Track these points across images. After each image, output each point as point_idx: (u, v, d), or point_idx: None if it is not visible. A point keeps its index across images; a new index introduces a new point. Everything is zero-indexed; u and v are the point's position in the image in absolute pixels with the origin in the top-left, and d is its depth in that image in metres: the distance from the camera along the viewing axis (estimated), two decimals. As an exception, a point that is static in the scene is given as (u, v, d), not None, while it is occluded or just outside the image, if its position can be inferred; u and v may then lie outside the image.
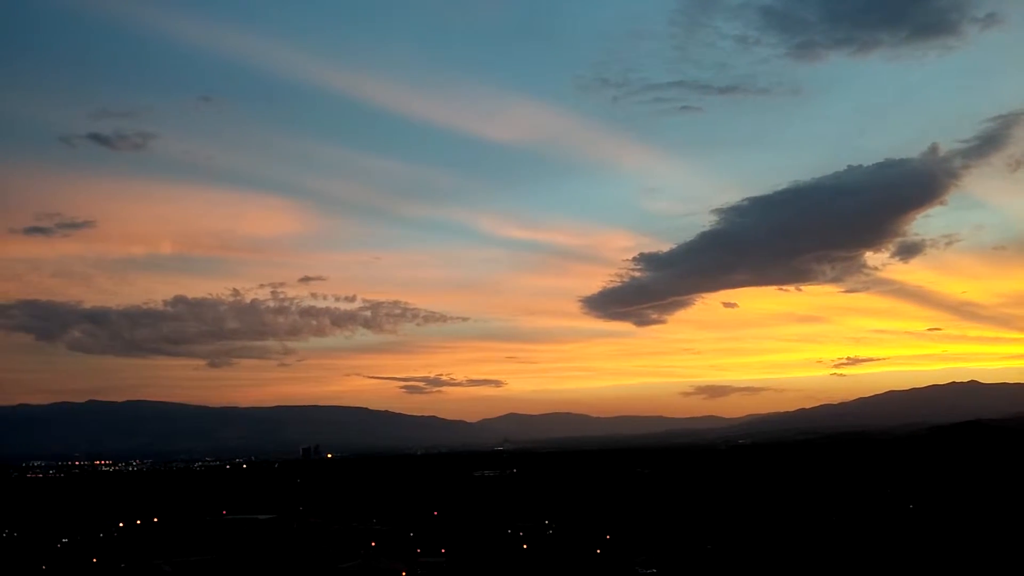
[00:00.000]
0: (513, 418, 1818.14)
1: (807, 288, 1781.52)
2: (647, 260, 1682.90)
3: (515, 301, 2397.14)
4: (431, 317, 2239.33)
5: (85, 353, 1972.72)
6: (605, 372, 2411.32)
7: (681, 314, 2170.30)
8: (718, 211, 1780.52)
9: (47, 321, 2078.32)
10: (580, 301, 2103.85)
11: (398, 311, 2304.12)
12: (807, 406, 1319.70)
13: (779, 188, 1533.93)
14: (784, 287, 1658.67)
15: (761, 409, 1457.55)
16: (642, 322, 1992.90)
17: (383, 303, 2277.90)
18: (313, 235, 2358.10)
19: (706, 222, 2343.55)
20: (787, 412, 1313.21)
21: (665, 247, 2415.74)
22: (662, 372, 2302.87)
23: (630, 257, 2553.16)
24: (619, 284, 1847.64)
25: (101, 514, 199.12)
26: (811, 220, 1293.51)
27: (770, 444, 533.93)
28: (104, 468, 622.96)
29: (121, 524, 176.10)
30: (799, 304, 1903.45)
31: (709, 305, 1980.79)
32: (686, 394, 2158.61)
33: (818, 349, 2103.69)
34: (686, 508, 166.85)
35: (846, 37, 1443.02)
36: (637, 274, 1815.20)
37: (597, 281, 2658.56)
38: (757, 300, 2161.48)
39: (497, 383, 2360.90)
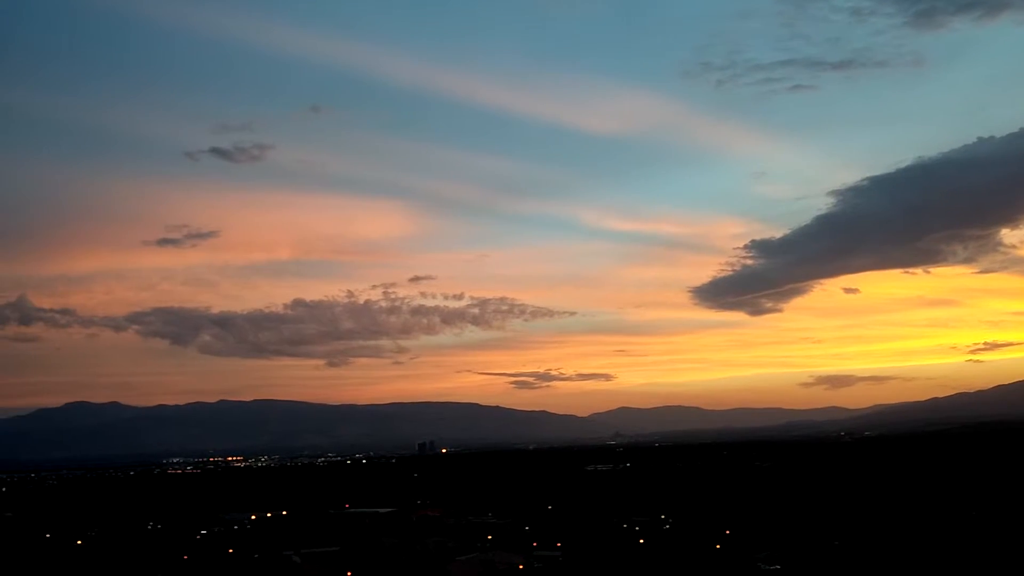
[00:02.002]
0: (624, 412, 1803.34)
1: (936, 270, 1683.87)
2: (760, 247, 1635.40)
3: (623, 294, 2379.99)
4: (538, 312, 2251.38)
5: (214, 356, 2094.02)
6: (718, 364, 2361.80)
7: (798, 302, 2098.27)
8: (835, 193, 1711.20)
9: (179, 327, 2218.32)
10: (690, 291, 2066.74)
11: (505, 307, 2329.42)
12: (940, 395, 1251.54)
13: (902, 165, 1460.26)
14: (910, 270, 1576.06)
15: (888, 399, 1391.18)
16: (756, 311, 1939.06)
17: (490, 300, 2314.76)
18: (421, 235, 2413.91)
19: (822, 205, 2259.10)
20: (917, 402, 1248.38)
21: (778, 233, 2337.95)
22: (779, 362, 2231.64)
23: (741, 245, 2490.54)
24: (731, 273, 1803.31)
25: (234, 507, 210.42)
26: (939, 198, 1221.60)
27: (899, 436, 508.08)
28: (235, 464, 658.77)
29: (253, 517, 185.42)
30: (928, 287, 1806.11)
31: (828, 291, 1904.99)
32: (806, 385, 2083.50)
33: (950, 334, 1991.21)
34: (810, 503, 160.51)
35: (970, 1, 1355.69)
36: (749, 262, 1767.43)
37: (707, 270, 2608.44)
38: (881, 285, 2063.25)
39: (607, 377, 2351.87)
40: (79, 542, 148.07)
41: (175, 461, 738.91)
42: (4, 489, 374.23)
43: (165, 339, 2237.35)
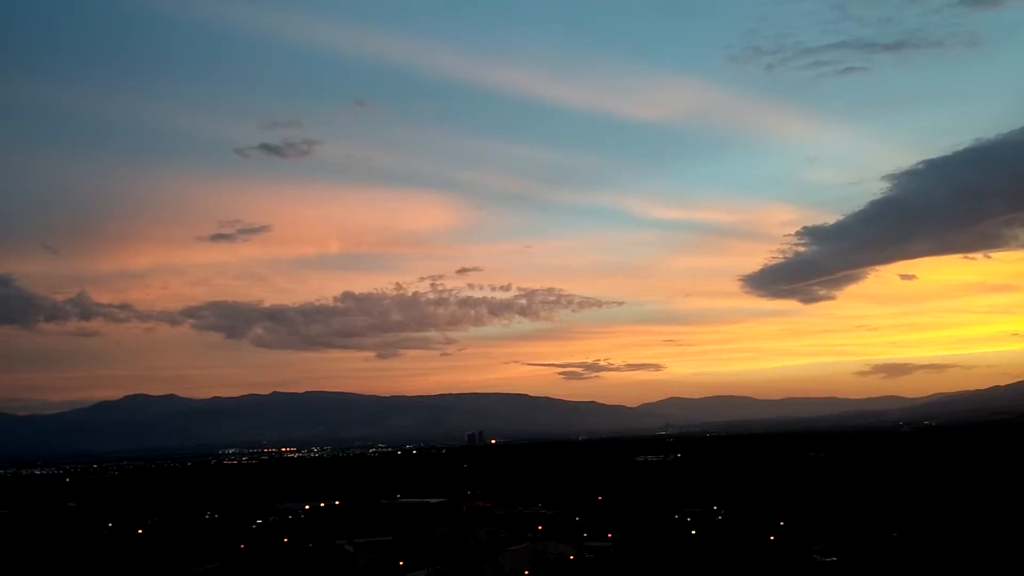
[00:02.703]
0: (674, 402, 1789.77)
1: (997, 255, 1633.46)
2: (812, 233, 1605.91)
3: (671, 283, 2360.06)
4: (586, 303, 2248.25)
5: (267, 348, 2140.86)
6: (771, 353, 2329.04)
7: (852, 289, 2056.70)
8: (890, 177, 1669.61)
9: (233, 320, 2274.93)
10: (740, 280, 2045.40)
11: (553, 298, 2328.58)
12: (1001, 383, 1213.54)
13: (960, 148, 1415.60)
14: (970, 255, 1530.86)
15: (948, 388, 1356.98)
16: (809, 299, 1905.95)
17: (538, 291, 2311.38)
18: (468, 227, 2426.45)
19: (876, 190, 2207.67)
20: (978, 390, 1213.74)
21: (831, 219, 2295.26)
22: (834, 351, 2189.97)
23: (793, 231, 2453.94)
24: (782, 260, 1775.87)
25: (288, 497, 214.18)
26: (999, 180, 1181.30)
27: (960, 425, 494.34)
28: (289, 455, 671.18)
29: (307, 507, 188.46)
30: (988, 272, 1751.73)
31: (884, 278, 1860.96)
32: (862, 373, 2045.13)
33: (1012, 321, 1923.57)
34: (867, 494, 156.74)
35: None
36: (801, 249, 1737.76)
37: (758, 258, 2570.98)
38: (939, 270, 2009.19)
39: (656, 367, 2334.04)
40: (140, 531, 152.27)
41: (230, 452, 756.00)
42: (68, 480, 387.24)
43: (219, 332, 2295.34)
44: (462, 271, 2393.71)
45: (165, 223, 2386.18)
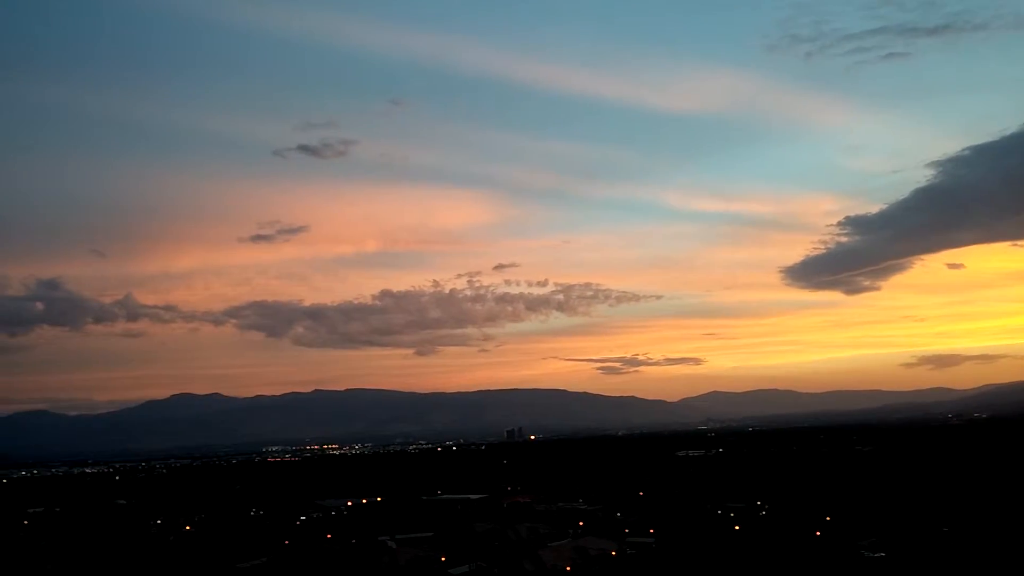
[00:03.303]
0: (715, 396, 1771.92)
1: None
2: (855, 223, 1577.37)
3: (710, 276, 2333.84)
4: (623, 297, 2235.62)
5: (307, 347, 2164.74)
6: (814, 345, 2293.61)
7: (898, 279, 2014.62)
8: (935, 164, 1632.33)
9: (274, 319, 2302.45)
10: (781, 271, 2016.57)
11: (590, 293, 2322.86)
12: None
13: (1008, 133, 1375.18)
14: (1019, 242, 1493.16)
15: (998, 379, 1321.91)
16: (853, 290, 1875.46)
17: (575, 286, 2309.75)
18: (504, 223, 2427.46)
19: (921, 177, 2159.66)
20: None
21: (874, 208, 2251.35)
22: (879, 342, 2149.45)
23: (835, 221, 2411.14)
24: (824, 251, 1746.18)
25: (331, 493, 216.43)
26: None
27: (1013, 417, 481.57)
28: (331, 451, 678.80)
29: (349, 503, 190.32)
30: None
31: (930, 268, 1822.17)
32: (908, 365, 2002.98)
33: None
34: (916, 488, 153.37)
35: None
36: (844, 239, 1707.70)
37: (799, 249, 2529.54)
38: (988, 259, 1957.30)
39: (696, 361, 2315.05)
40: (188, 527, 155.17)
41: (274, 449, 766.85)
42: (117, 478, 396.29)
43: (261, 332, 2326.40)
44: (499, 267, 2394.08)
45: (207, 225, 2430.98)
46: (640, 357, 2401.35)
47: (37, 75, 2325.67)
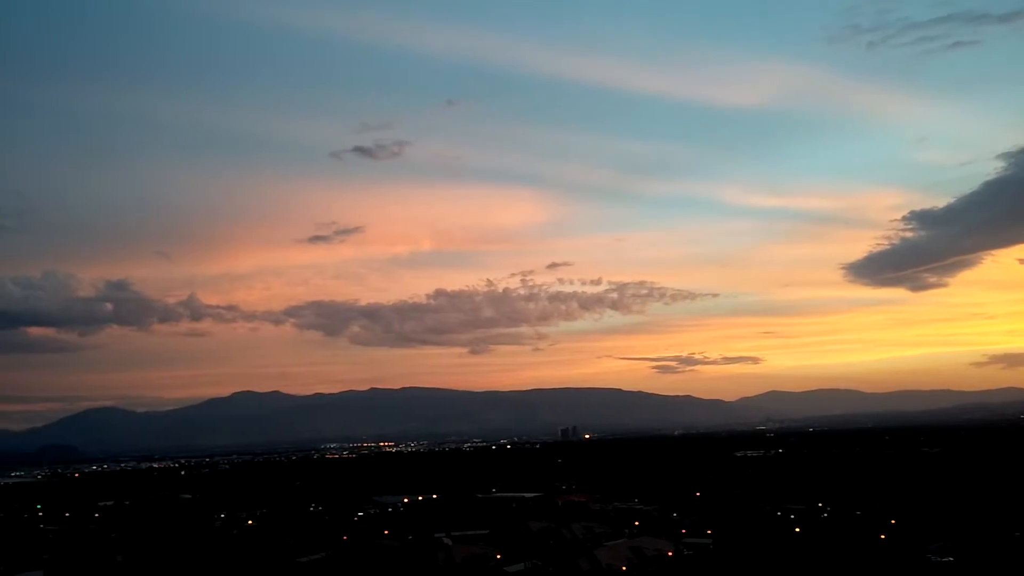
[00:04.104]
0: (774, 396, 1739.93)
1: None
2: (920, 218, 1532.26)
3: (768, 273, 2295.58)
4: (679, 295, 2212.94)
5: (364, 346, 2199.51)
6: (877, 344, 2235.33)
7: (966, 275, 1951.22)
8: (1006, 156, 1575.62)
9: (331, 319, 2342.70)
10: (843, 268, 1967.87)
11: (644, 291, 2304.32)
12: None
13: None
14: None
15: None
16: (918, 287, 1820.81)
17: (629, 284, 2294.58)
18: (557, 222, 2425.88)
19: (991, 170, 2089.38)
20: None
21: (941, 202, 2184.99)
22: (947, 341, 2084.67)
23: (899, 216, 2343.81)
24: (888, 247, 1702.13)
25: (387, 490, 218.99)
26: None
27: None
28: (387, 449, 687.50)
29: (406, 500, 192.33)
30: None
31: (1001, 263, 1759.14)
32: (978, 364, 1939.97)
33: None
34: (986, 491, 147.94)
35: None
36: (909, 234, 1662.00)
37: (862, 245, 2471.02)
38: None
39: (754, 360, 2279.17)
40: (250, 522, 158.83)
41: (332, 446, 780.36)
42: (183, 472, 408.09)
43: (319, 331, 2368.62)
44: (552, 266, 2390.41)
45: (266, 227, 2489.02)
46: (696, 356, 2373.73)
47: (111, 86, 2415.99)
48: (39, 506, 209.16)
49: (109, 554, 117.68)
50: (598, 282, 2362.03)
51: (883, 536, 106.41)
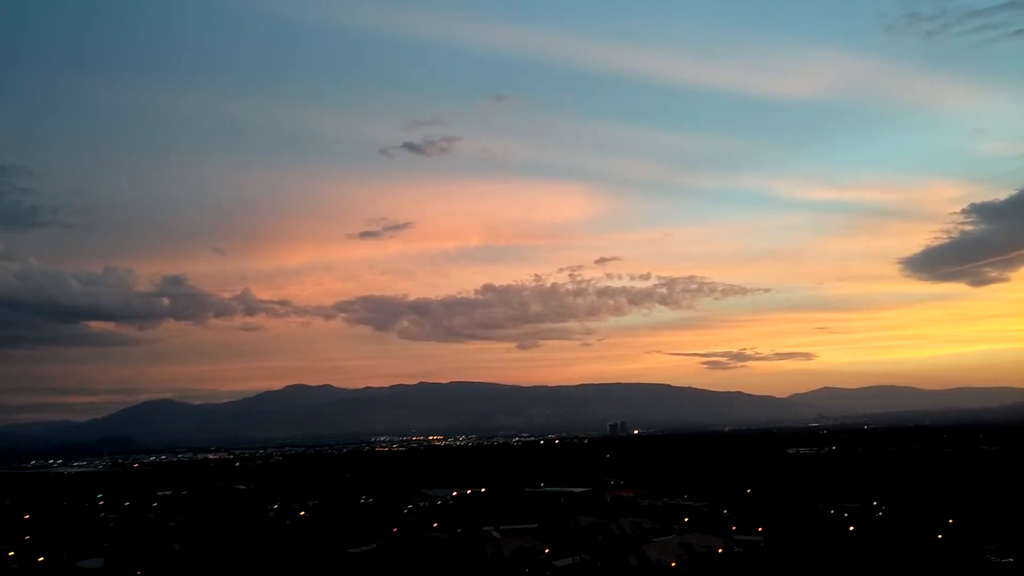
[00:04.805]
0: (827, 392, 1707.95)
1: None
2: (980, 211, 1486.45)
3: (822, 267, 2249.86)
4: (730, 290, 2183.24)
5: (413, 340, 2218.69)
6: (935, 339, 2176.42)
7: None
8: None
9: (381, 313, 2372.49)
10: (899, 263, 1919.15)
11: (694, 286, 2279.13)
12: None
13: None
14: None
15: None
16: (979, 281, 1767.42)
17: (678, 279, 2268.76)
18: (605, 216, 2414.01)
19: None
20: None
21: (1002, 194, 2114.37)
22: (1008, 336, 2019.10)
23: (958, 209, 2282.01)
24: (946, 241, 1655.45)
25: (436, 483, 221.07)
26: None
27: None
28: (436, 442, 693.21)
29: (455, 493, 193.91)
30: None
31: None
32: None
33: None
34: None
35: None
36: (969, 227, 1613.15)
37: (919, 239, 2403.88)
38: None
39: (807, 356, 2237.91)
40: (302, 513, 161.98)
41: (382, 439, 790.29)
42: (237, 464, 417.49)
43: (369, 325, 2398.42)
44: (600, 261, 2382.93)
45: (318, 222, 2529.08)
46: (747, 351, 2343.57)
47: (174, 86, 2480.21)
48: (100, 495, 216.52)
49: (167, 543, 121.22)
50: (647, 277, 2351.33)
51: (940, 536, 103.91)
